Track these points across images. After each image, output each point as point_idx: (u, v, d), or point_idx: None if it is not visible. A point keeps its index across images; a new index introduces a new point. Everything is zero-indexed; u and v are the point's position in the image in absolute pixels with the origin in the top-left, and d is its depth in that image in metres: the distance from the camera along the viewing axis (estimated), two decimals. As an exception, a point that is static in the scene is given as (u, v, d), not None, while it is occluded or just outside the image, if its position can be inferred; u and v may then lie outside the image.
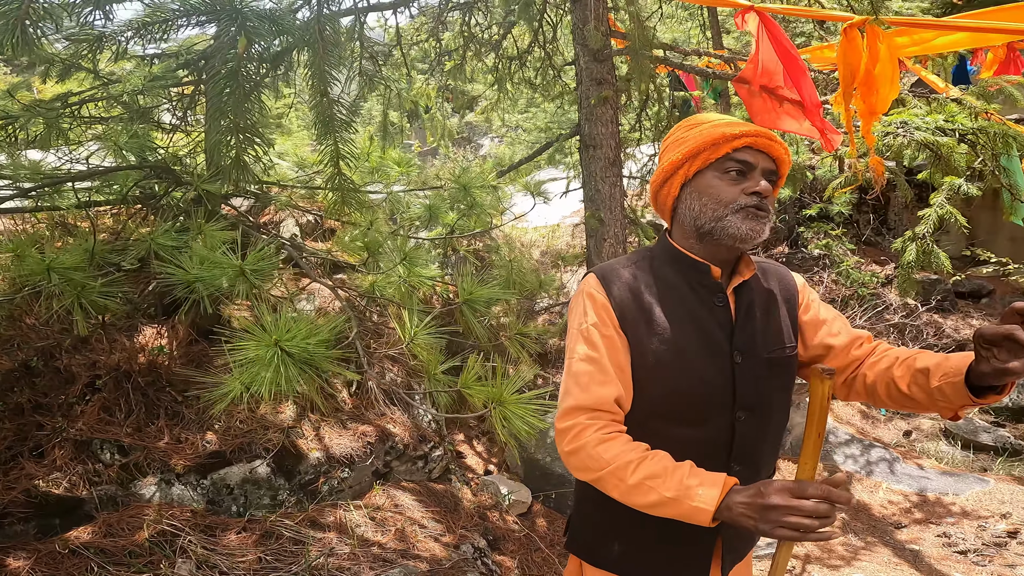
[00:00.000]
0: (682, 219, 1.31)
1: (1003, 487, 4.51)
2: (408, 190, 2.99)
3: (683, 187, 1.30)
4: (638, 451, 1.16)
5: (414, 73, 5.72)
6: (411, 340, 1.71)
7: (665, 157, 1.32)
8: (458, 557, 2.79)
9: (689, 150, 1.26)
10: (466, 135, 13.07)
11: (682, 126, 1.33)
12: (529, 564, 3.16)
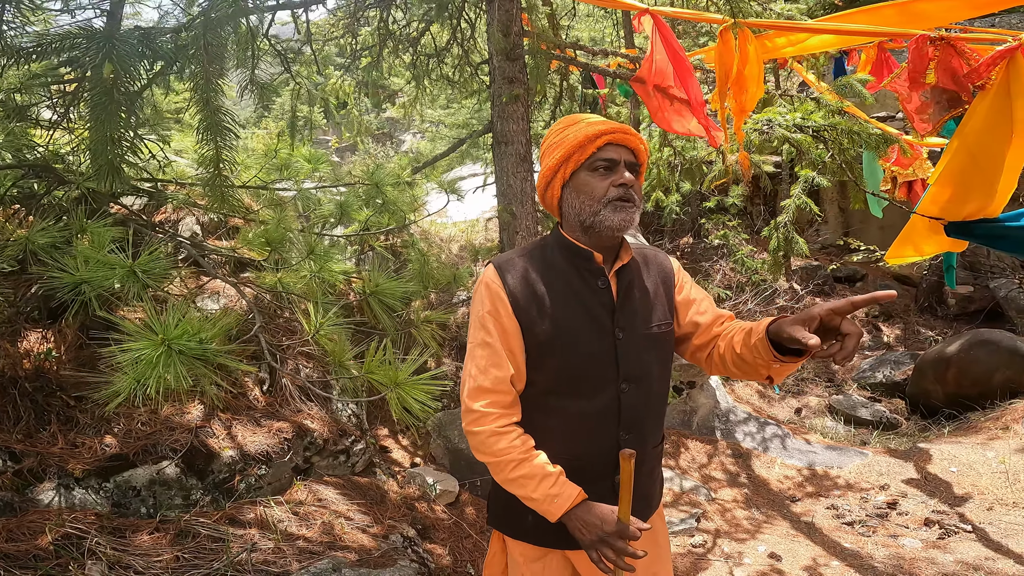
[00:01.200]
0: (567, 215, 1.42)
1: (880, 459, 4.79)
2: (319, 187, 2.93)
3: (563, 187, 1.41)
4: (521, 450, 1.33)
5: (330, 69, 5.58)
6: (317, 332, 1.70)
7: (544, 162, 1.41)
8: (387, 547, 2.78)
9: (562, 155, 1.37)
10: (387, 131, 12.85)
11: (554, 130, 1.43)
12: (460, 551, 3.18)
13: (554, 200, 1.43)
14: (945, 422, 5.71)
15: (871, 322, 7.64)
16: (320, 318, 1.68)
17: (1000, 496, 4.04)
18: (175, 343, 1.32)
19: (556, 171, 1.39)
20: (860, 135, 2.82)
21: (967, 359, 5.70)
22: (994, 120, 1.77)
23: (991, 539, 3.55)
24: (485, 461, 1.35)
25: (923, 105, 1.94)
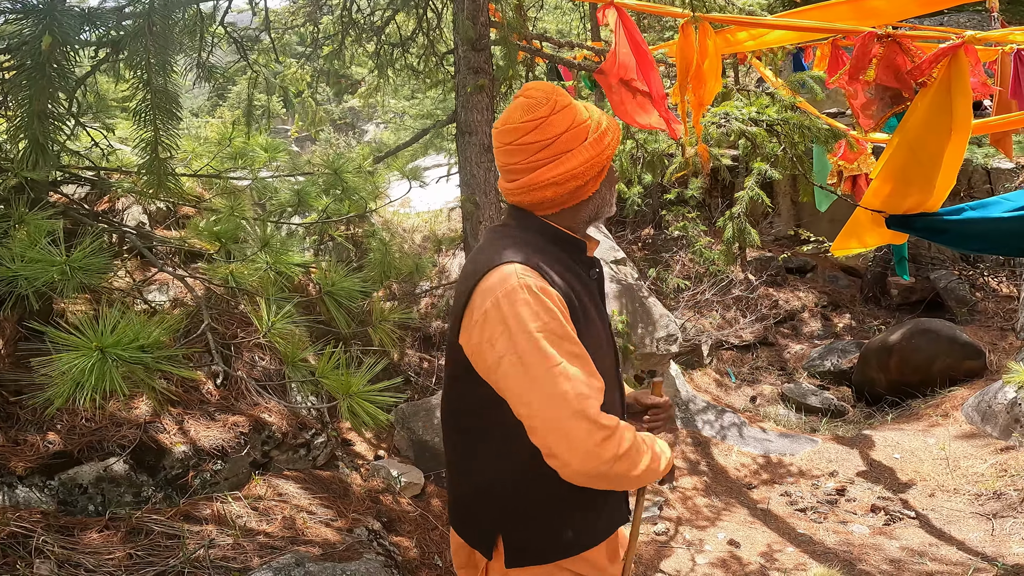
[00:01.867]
0: (587, 207, 1.27)
1: (829, 446, 4.92)
2: (275, 176, 2.85)
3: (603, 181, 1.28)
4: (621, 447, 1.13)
5: (286, 58, 5.43)
6: (269, 329, 1.64)
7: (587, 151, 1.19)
8: (352, 540, 2.73)
9: (617, 140, 1.23)
10: (349, 121, 12.61)
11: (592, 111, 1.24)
12: (427, 543, 3.15)
13: (588, 192, 1.23)
14: (888, 409, 5.91)
15: (821, 312, 7.89)
16: (272, 315, 1.62)
17: (941, 482, 4.19)
18: (111, 351, 1.23)
19: (607, 162, 1.22)
20: (810, 129, 2.90)
21: (908, 348, 5.91)
22: (934, 117, 1.82)
23: (933, 525, 3.68)
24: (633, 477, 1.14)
25: (868, 101, 1.99)
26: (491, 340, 1.11)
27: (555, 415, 1.06)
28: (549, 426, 1.07)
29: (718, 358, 7.01)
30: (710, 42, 2.65)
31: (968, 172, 7.43)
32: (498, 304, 1.11)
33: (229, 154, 2.78)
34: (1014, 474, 3.95)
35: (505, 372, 1.10)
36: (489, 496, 1.25)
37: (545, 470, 1.14)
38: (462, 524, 1.33)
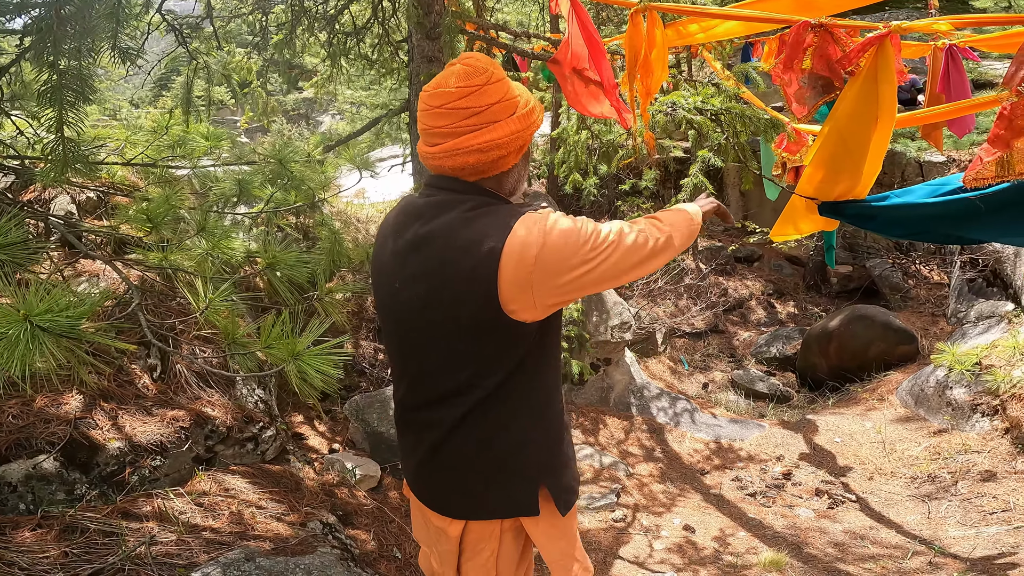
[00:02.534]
0: (508, 180, 1.31)
1: (776, 431, 5.02)
2: (217, 165, 2.74)
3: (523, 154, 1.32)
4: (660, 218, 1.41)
5: (234, 46, 5.24)
6: (207, 307, 1.57)
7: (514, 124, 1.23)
8: (306, 534, 2.66)
9: (540, 120, 1.28)
10: (303, 111, 12.29)
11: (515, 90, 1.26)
12: (385, 535, 3.09)
13: (509, 164, 1.27)
14: (829, 394, 6.09)
15: (766, 299, 8.11)
16: (210, 293, 1.55)
17: (879, 466, 4.32)
18: (39, 319, 1.17)
19: (529, 140, 1.27)
20: (751, 119, 2.96)
21: (846, 334, 6.11)
22: (862, 105, 1.87)
23: (873, 509, 3.79)
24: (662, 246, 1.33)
25: (801, 90, 2.03)
26: (556, 272, 1.18)
27: (639, 262, 1.28)
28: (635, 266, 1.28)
29: (672, 345, 7.12)
30: (658, 31, 2.66)
31: (901, 165, 7.73)
32: (543, 245, 1.16)
33: (167, 143, 2.66)
34: (947, 457, 4.09)
35: (589, 278, 1.20)
36: (526, 453, 1.32)
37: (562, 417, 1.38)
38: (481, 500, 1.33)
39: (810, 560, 3.17)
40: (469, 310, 1.21)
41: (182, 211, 2.40)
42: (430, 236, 1.24)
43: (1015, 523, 3.23)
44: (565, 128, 5.25)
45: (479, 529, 1.35)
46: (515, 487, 1.32)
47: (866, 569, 3.06)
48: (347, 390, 4.38)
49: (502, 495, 1.32)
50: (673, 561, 3.19)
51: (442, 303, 1.24)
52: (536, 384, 1.31)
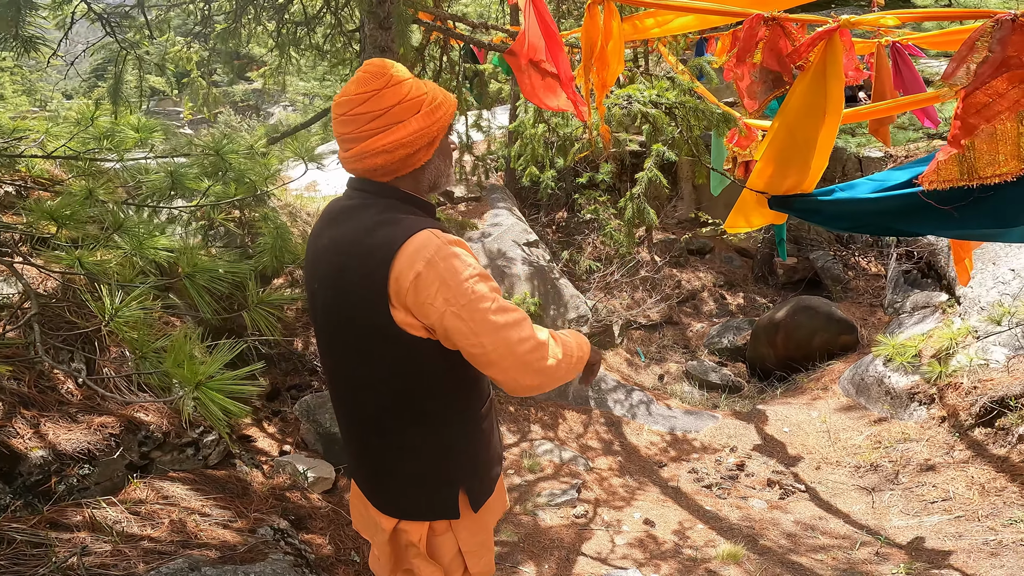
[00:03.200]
0: (424, 176, 1.34)
1: (728, 422, 5.06)
2: (149, 157, 2.53)
3: (436, 150, 1.34)
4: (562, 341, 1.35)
5: (173, 35, 4.94)
6: (112, 317, 1.41)
7: (419, 121, 1.26)
8: (256, 540, 2.50)
9: (450, 115, 1.31)
10: (253, 103, 11.81)
11: (424, 90, 1.29)
12: (342, 538, 2.96)
13: (420, 161, 1.30)
14: (778, 384, 6.19)
15: (717, 291, 8.23)
16: (116, 302, 1.39)
17: (825, 455, 4.39)
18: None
19: (438, 133, 1.30)
20: (704, 113, 2.94)
21: (792, 324, 6.23)
22: (810, 100, 1.85)
23: (822, 499, 3.84)
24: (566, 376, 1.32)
25: (752, 84, 2.00)
26: (431, 299, 1.18)
27: (506, 346, 1.19)
28: (503, 357, 1.20)
29: (628, 338, 7.14)
30: (614, 23, 2.60)
31: (842, 160, 7.95)
32: (431, 264, 1.17)
33: (93, 135, 2.43)
34: (887, 446, 4.18)
35: (453, 323, 1.18)
36: (447, 460, 1.37)
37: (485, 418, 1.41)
38: (416, 506, 1.39)
39: (765, 552, 3.19)
40: (365, 315, 1.23)
41: (112, 207, 2.20)
42: (339, 241, 1.27)
43: (955, 512, 3.31)
44: (522, 121, 5.16)
45: (409, 527, 1.40)
46: (437, 492, 1.37)
47: (818, 560, 3.09)
48: (298, 389, 4.20)
49: (425, 499, 1.38)
50: (635, 556, 3.17)
51: (344, 307, 1.27)
52: (456, 393, 1.33)
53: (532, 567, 2.94)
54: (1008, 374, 3.92)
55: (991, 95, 1.47)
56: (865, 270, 8.01)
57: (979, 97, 1.48)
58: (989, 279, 4.71)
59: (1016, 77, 1.44)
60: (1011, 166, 1.55)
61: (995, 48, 1.47)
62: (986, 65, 1.47)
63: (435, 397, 1.30)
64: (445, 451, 1.35)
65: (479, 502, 1.41)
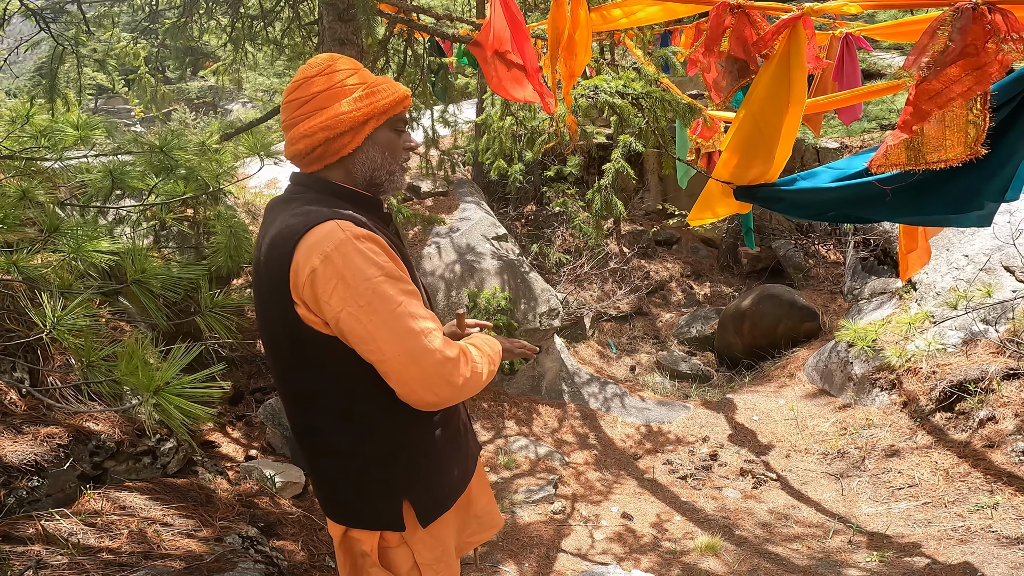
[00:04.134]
0: (354, 167, 1.26)
1: (700, 412, 5.08)
2: (90, 155, 2.38)
3: (366, 139, 1.25)
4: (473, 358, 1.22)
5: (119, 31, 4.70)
6: (55, 325, 1.30)
7: (341, 104, 1.20)
8: (223, 549, 2.39)
9: (386, 103, 1.23)
10: (210, 99, 11.42)
11: (360, 70, 1.26)
12: (315, 544, 2.86)
13: (349, 148, 1.22)
14: (745, 372, 6.27)
15: (685, 281, 8.31)
16: (58, 310, 1.28)
17: (794, 443, 4.44)
18: None
19: (371, 117, 1.22)
20: (671, 104, 2.92)
21: (757, 313, 6.30)
22: (774, 89, 1.84)
23: (793, 487, 3.88)
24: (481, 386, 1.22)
25: (720, 77, 1.97)
26: (326, 297, 1.09)
27: (407, 355, 1.09)
28: (404, 367, 1.10)
29: (599, 330, 7.15)
30: (581, 12, 2.55)
31: (801, 151, 8.09)
32: (329, 259, 1.08)
33: (30, 133, 2.28)
34: (853, 432, 4.25)
35: (349, 325, 1.09)
36: (388, 465, 1.25)
37: (440, 425, 1.29)
38: (358, 514, 1.29)
39: (742, 543, 3.20)
40: (277, 311, 1.16)
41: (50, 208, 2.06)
42: (264, 236, 1.21)
43: (922, 499, 3.37)
44: (489, 114, 5.08)
45: (360, 536, 1.30)
46: (378, 502, 1.27)
47: (793, 550, 3.11)
48: (262, 392, 4.06)
49: (368, 508, 1.27)
50: (615, 551, 3.15)
51: (263, 302, 1.21)
52: (386, 396, 1.18)
53: (512, 566, 2.89)
54: (965, 358, 4.02)
55: (945, 82, 1.46)
56: (825, 258, 8.18)
57: (933, 84, 1.48)
58: (944, 265, 4.83)
59: (970, 64, 1.44)
60: (957, 152, 1.56)
61: (955, 37, 1.46)
62: (945, 53, 1.47)
63: (361, 399, 1.19)
64: (380, 459, 1.24)
65: (429, 516, 1.29)
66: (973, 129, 1.51)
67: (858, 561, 2.90)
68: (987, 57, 1.46)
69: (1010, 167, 1.79)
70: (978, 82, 1.46)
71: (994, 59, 1.47)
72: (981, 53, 1.46)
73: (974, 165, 1.69)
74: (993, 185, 1.80)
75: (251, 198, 5.08)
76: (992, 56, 1.46)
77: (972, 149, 1.54)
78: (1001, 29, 1.43)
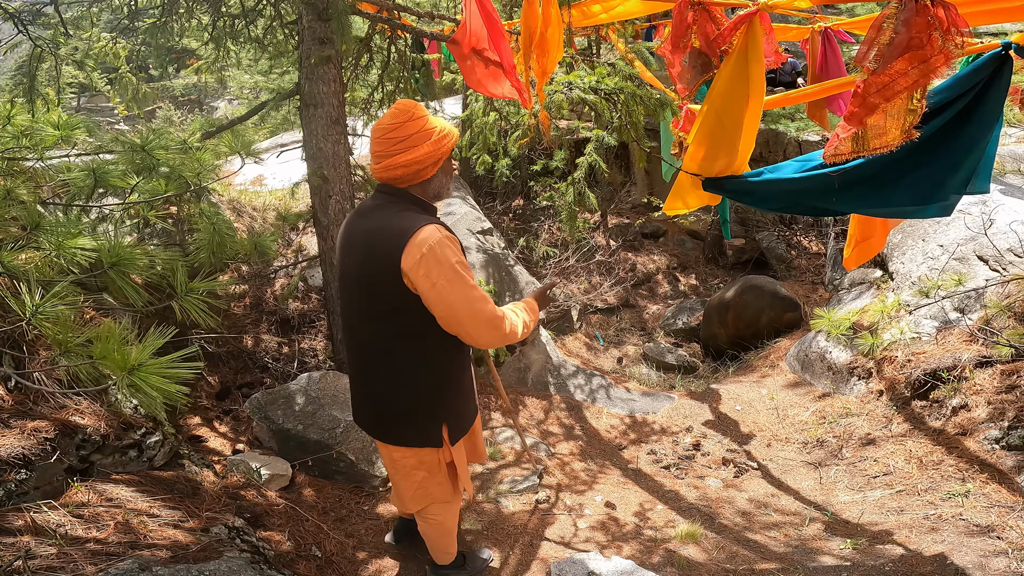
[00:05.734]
0: (429, 187, 1.92)
1: (684, 403, 5.10)
2: (71, 155, 2.41)
3: (440, 168, 1.91)
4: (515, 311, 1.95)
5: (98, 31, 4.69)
6: (34, 313, 1.35)
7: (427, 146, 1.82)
8: (210, 539, 2.43)
9: (450, 145, 1.86)
10: (195, 97, 11.36)
11: (431, 121, 1.84)
12: (302, 534, 2.89)
13: (427, 174, 1.86)
14: (730, 362, 6.31)
15: (671, 272, 8.38)
16: (36, 299, 1.33)
17: (775, 432, 4.48)
18: None
19: (443, 157, 1.87)
20: (644, 99, 2.97)
21: (740, 304, 6.37)
22: (734, 84, 1.89)
23: (773, 476, 3.92)
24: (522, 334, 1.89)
25: (683, 70, 2.03)
26: (427, 274, 1.73)
27: (473, 313, 1.77)
28: (469, 320, 1.77)
29: (587, 322, 7.20)
30: (553, 10, 2.60)
31: (783, 144, 8.17)
32: (432, 250, 1.73)
33: (11, 133, 2.31)
34: (831, 421, 4.31)
35: (440, 292, 1.74)
36: (437, 399, 1.96)
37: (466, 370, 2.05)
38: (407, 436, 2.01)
39: (722, 531, 3.25)
40: (386, 276, 1.78)
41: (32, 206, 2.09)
42: (370, 228, 1.86)
43: (896, 487, 3.42)
44: (474, 110, 5.12)
45: (405, 452, 2.04)
46: (427, 423, 1.97)
47: (771, 537, 3.16)
48: (249, 387, 4.10)
49: (416, 430, 1.98)
50: (597, 539, 3.19)
51: (372, 272, 1.83)
52: (440, 344, 1.88)
53: (496, 554, 2.95)
54: (938, 346, 4.09)
55: (892, 75, 1.52)
56: (807, 249, 8.27)
57: (881, 77, 1.54)
58: (919, 255, 4.93)
59: (916, 57, 1.50)
60: (893, 136, 1.62)
61: (900, 29, 1.52)
62: (892, 47, 1.53)
63: (428, 336, 1.84)
64: (431, 388, 1.92)
65: (456, 436, 2.02)
66: (911, 116, 1.57)
67: (832, 549, 2.95)
68: (932, 51, 1.53)
69: (972, 159, 1.85)
70: (923, 75, 1.53)
71: (939, 52, 1.53)
72: (926, 46, 1.53)
73: (938, 158, 1.76)
74: (957, 177, 1.86)
75: (236, 195, 5.10)
76: (937, 49, 1.52)
77: (907, 133, 1.61)
78: (944, 23, 1.50)
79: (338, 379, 3.77)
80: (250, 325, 4.30)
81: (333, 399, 3.61)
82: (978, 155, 1.88)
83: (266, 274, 4.40)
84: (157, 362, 1.24)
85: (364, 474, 3.42)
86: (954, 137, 1.80)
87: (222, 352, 4.15)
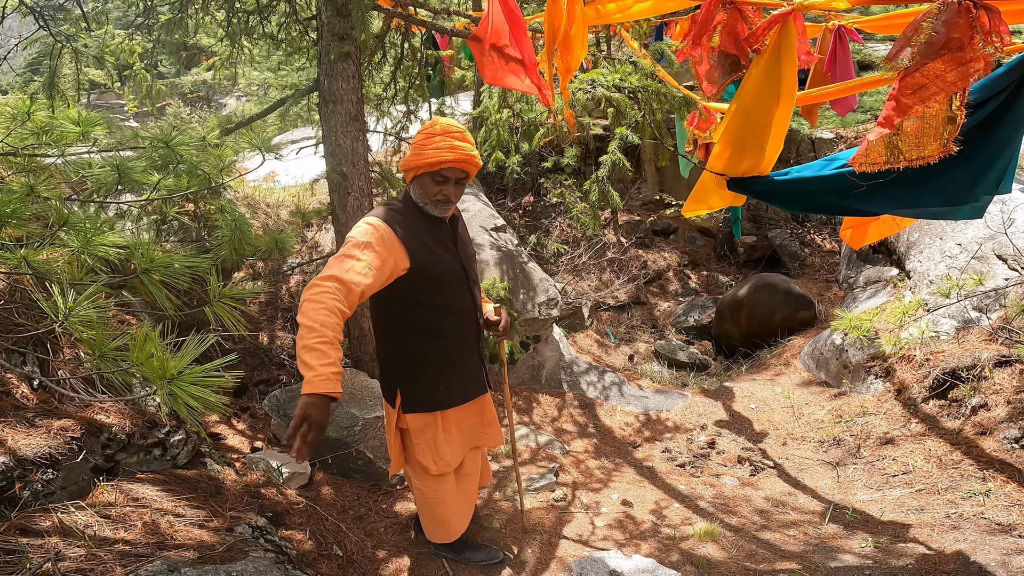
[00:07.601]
0: (415, 189, 2.18)
1: (697, 400, 5.08)
2: (92, 152, 2.41)
3: (414, 178, 2.16)
4: (327, 329, 1.74)
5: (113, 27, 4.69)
6: (67, 317, 1.35)
7: (412, 156, 2.11)
8: (234, 539, 2.44)
9: (422, 163, 2.07)
10: (204, 93, 11.36)
11: (425, 134, 2.09)
12: (323, 533, 2.89)
13: (408, 179, 2.17)
14: (742, 360, 6.28)
15: (681, 270, 8.35)
16: (69, 302, 1.33)
17: (791, 431, 4.45)
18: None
19: (411, 168, 2.12)
20: (667, 97, 2.95)
21: (754, 301, 6.33)
22: (765, 83, 1.87)
23: (789, 475, 3.90)
24: (301, 323, 1.75)
25: (711, 69, 2.01)
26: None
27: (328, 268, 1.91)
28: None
29: (598, 319, 7.18)
30: (577, 8, 2.57)
31: (796, 142, 8.10)
32: (354, 227, 2.05)
33: (31, 129, 2.31)
34: (848, 420, 4.27)
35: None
36: (394, 362, 2.27)
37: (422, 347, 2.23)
38: (384, 391, 2.37)
39: (739, 529, 3.23)
40: None
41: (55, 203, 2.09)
42: None
43: (916, 485, 3.40)
44: (487, 107, 5.09)
45: (386, 407, 2.39)
46: (391, 384, 2.30)
47: (790, 536, 3.14)
48: (266, 384, 4.11)
49: (387, 388, 2.33)
50: (615, 537, 3.19)
51: None
52: (392, 315, 2.19)
53: (515, 552, 2.95)
54: (958, 345, 4.06)
55: (928, 76, 1.50)
56: (820, 247, 8.22)
57: (916, 78, 1.51)
58: (937, 253, 4.88)
59: (955, 59, 1.47)
60: (932, 148, 1.60)
61: (939, 30, 1.50)
62: (928, 47, 1.50)
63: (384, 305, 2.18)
64: (388, 356, 2.27)
65: (411, 407, 2.25)
66: (951, 126, 1.55)
67: (853, 547, 2.93)
68: (972, 53, 1.50)
69: (1003, 159, 1.83)
70: (961, 77, 1.50)
71: (979, 55, 1.51)
72: (966, 48, 1.50)
73: (970, 159, 1.73)
74: (989, 178, 1.84)
75: (250, 192, 5.10)
76: (976, 52, 1.50)
77: (946, 147, 1.58)
78: (985, 26, 1.47)
79: (355, 376, 3.77)
80: (265, 322, 4.31)
81: (351, 396, 3.61)
82: (1010, 155, 1.86)
83: (281, 271, 4.40)
84: (197, 370, 1.23)
85: (382, 472, 3.43)
86: (986, 138, 1.77)
87: (239, 349, 4.17)
